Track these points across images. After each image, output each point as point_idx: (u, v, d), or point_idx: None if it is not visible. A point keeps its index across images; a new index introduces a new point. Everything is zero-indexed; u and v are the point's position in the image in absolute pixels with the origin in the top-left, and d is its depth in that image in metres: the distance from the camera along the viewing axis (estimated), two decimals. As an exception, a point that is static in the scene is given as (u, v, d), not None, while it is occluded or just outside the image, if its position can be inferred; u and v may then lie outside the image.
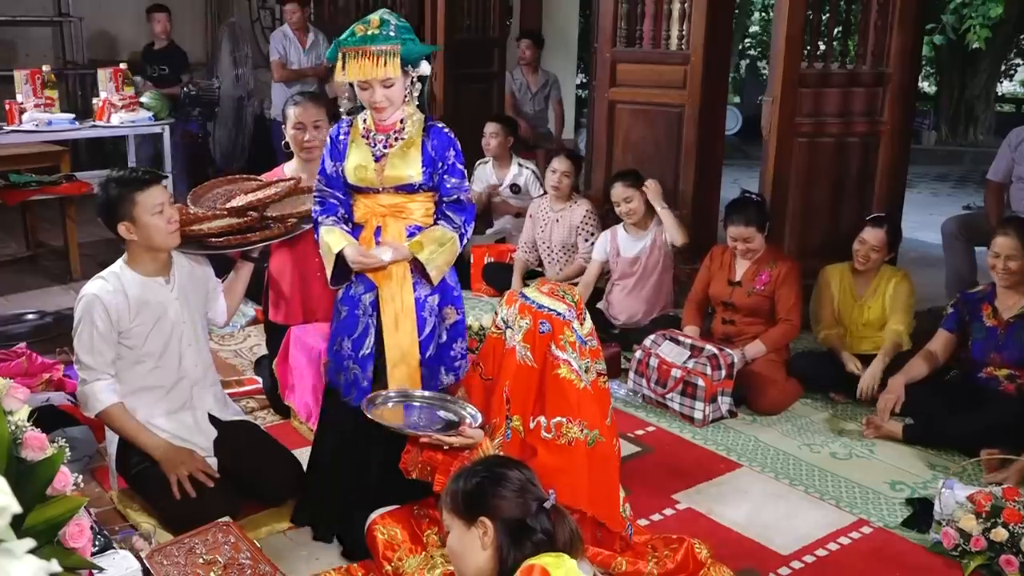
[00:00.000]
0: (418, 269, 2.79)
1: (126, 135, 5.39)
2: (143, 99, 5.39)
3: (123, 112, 5.08)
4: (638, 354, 3.97)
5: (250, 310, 4.75)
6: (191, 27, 8.88)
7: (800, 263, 4.18)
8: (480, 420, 2.58)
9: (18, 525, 1.73)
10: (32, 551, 1.12)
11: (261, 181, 3.44)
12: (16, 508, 1.15)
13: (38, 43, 8.00)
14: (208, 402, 3.00)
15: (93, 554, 2.17)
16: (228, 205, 3.19)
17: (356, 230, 2.84)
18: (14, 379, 2.29)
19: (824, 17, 4.81)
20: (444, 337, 2.86)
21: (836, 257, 4.37)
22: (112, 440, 2.91)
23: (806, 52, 4.74)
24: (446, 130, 2.84)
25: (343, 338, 2.84)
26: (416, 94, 2.81)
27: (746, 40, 15.21)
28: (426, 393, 2.75)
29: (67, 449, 1.97)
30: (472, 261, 5.46)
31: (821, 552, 2.87)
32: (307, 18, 7.04)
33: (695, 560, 2.62)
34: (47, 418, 2.81)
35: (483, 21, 7.38)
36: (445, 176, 2.80)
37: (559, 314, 2.57)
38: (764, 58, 14.18)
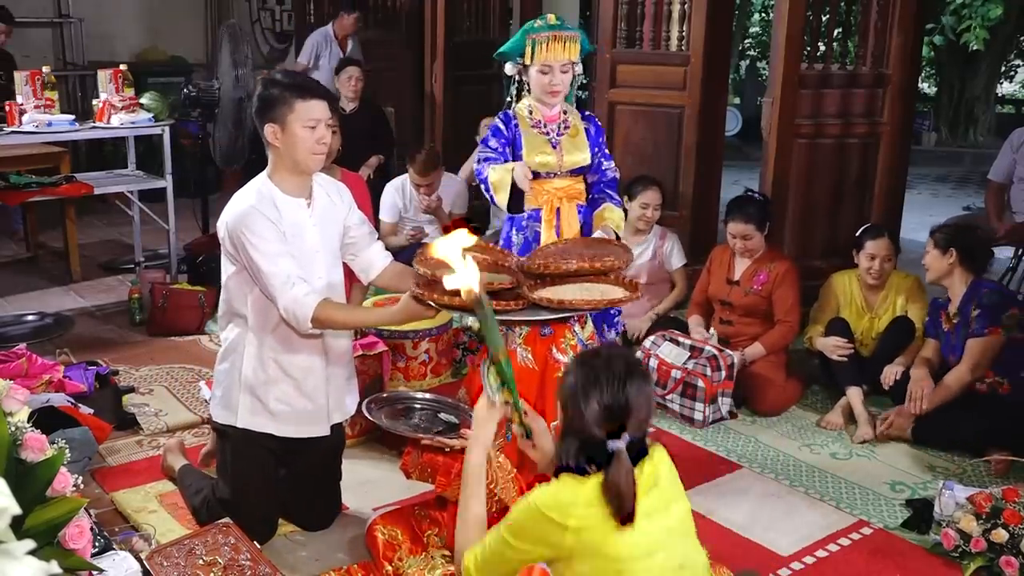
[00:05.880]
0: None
1: (126, 136, 5.37)
2: (143, 100, 5.38)
3: (123, 113, 5.07)
4: (637, 355, 3.97)
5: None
6: (191, 28, 8.88)
7: (797, 265, 4.16)
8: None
9: (18, 526, 1.73)
10: (32, 552, 1.13)
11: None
12: (16, 509, 1.15)
13: (38, 44, 8.00)
14: (342, 349, 2.81)
15: (93, 555, 2.17)
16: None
17: (534, 213, 3.14)
18: (14, 380, 2.30)
19: (824, 18, 4.81)
20: None
21: (836, 258, 4.36)
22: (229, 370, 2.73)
23: (806, 53, 4.74)
24: (596, 119, 3.31)
25: None
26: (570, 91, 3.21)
27: (746, 41, 15.19)
28: (427, 395, 2.76)
29: (67, 450, 1.97)
30: (472, 262, 5.45)
31: (821, 553, 2.87)
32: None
33: (695, 561, 2.61)
34: (47, 419, 2.80)
35: (483, 22, 7.37)
36: (602, 160, 3.24)
37: (560, 316, 2.56)
38: (764, 59, 14.16)
